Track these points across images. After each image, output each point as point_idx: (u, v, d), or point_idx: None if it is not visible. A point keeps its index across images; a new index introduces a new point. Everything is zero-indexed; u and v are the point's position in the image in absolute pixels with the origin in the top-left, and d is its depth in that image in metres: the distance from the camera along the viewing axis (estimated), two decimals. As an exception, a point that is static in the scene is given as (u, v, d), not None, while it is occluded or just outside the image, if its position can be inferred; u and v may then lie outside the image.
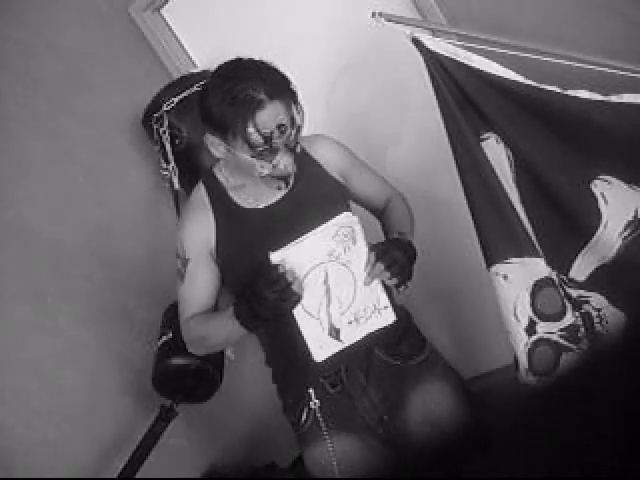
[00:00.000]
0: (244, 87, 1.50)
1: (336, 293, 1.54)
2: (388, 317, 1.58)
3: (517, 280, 1.74)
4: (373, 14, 1.75)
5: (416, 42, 1.72)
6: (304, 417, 1.65)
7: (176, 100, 2.51)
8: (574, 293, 1.78)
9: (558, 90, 1.68)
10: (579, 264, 1.76)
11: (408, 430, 1.63)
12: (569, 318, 1.76)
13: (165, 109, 2.52)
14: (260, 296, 1.46)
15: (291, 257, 1.48)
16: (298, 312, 1.52)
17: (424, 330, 2.83)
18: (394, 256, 1.54)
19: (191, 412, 2.51)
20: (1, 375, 2.28)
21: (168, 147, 2.55)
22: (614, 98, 1.65)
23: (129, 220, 2.74)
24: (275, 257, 1.48)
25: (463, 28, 1.96)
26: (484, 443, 0.49)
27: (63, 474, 2.27)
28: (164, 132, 2.53)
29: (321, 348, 1.55)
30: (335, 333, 1.55)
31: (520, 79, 1.70)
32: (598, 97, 1.66)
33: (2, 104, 2.54)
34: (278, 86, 1.54)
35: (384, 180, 1.88)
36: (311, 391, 1.63)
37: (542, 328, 1.76)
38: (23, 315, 2.37)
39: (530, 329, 1.76)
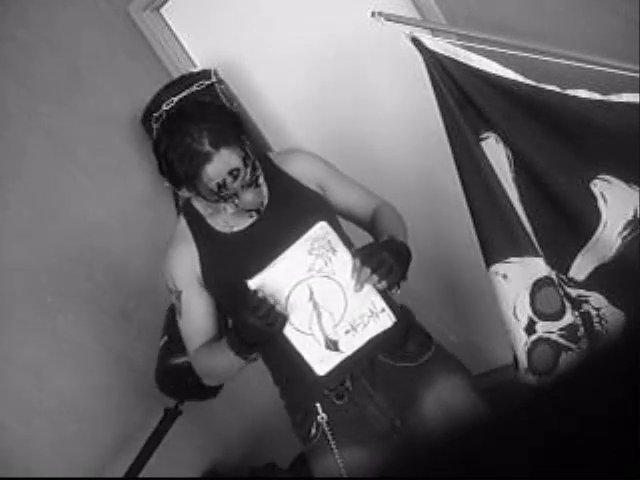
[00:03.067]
0: (188, 142, 1.47)
1: (325, 307, 1.52)
2: (386, 320, 1.55)
3: (517, 279, 1.74)
4: (373, 14, 1.75)
5: (416, 41, 1.72)
6: (313, 431, 1.63)
7: (176, 99, 2.51)
8: (573, 292, 1.77)
9: (557, 89, 1.67)
10: (579, 264, 1.76)
11: (425, 428, 1.60)
12: (568, 317, 1.76)
13: (165, 108, 2.52)
14: (246, 324, 1.46)
15: (269, 280, 1.48)
16: (290, 332, 1.51)
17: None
18: (380, 258, 1.48)
19: (191, 412, 2.51)
20: (1, 375, 2.28)
21: (168, 147, 2.56)
22: (613, 97, 1.65)
23: (129, 220, 2.74)
24: (253, 284, 1.48)
25: (462, 27, 1.96)
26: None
27: (63, 474, 2.27)
28: (164, 132, 2.53)
29: (322, 362, 1.54)
30: (333, 345, 1.53)
31: (519, 78, 1.69)
32: (597, 96, 1.65)
33: (2, 104, 2.54)
34: (223, 133, 1.50)
35: (368, 191, 1.81)
36: (318, 405, 1.61)
37: (542, 327, 1.75)
38: (23, 315, 2.37)
39: (530, 328, 1.76)
